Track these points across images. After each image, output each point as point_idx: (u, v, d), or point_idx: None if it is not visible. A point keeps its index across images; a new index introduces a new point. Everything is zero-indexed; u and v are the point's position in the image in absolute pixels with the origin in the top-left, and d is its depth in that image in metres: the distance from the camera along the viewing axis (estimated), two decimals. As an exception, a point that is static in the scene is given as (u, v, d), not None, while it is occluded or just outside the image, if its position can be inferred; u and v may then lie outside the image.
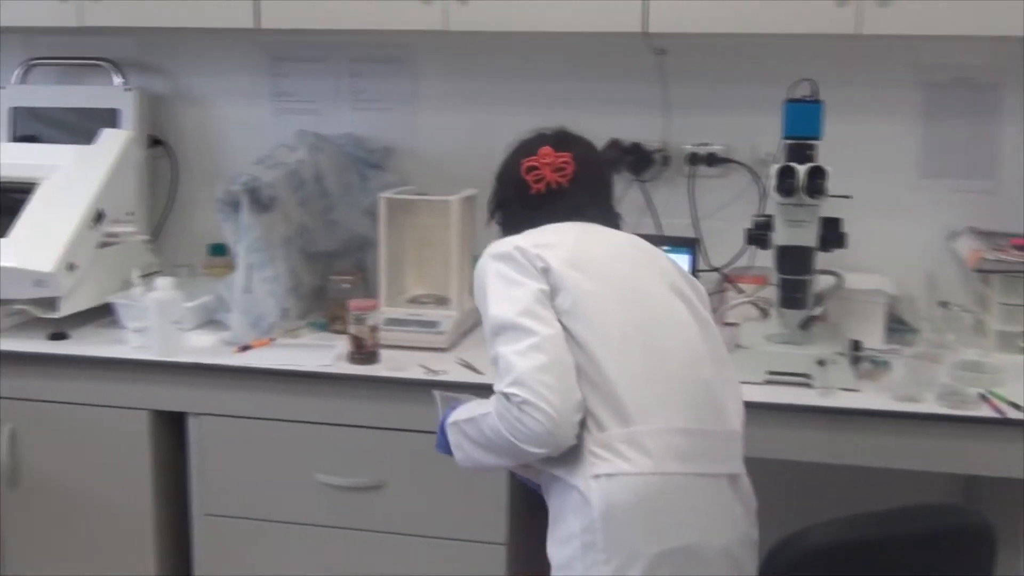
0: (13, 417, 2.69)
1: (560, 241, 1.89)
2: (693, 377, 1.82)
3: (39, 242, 2.67)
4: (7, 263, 2.64)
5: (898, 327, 2.74)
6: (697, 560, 1.74)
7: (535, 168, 2.02)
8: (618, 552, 1.72)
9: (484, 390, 1.89)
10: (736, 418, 1.88)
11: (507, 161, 2.10)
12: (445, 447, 1.96)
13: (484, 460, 1.87)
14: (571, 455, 1.76)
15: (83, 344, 2.69)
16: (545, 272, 1.83)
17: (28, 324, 2.76)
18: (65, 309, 2.71)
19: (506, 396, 1.74)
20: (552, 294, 1.81)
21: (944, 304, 2.76)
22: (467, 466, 1.92)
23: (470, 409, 1.91)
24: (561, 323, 1.79)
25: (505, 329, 1.79)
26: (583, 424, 1.75)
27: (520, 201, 2.05)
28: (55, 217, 2.73)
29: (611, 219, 2.07)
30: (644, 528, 1.72)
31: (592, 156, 2.10)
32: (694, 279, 1.99)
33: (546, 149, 2.03)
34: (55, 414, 2.66)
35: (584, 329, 1.78)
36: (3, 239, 2.69)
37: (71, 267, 2.68)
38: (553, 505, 1.85)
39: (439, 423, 1.99)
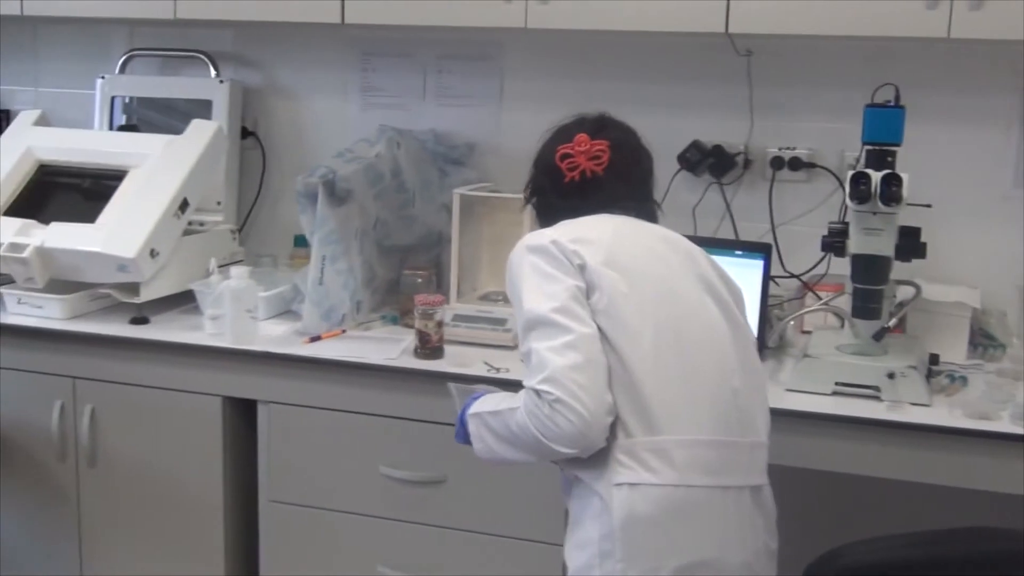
0: (93, 397, 2.77)
1: (597, 237, 1.84)
2: (723, 386, 1.77)
3: (124, 228, 2.75)
4: (93, 248, 2.72)
5: (985, 342, 2.63)
6: (717, 574, 1.70)
7: (570, 155, 1.97)
8: (637, 563, 1.69)
9: (515, 386, 1.88)
10: (763, 428, 1.84)
11: (543, 147, 2.05)
12: (464, 437, 1.94)
13: (506, 454, 1.85)
14: (595, 459, 1.74)
15: (162, 329, 2.76)
16: (581, 269, 1.80)
17: (112, 308, 2.84)
18: (146, 294, 2.78)
19: (537, 392, 1.71)
20: (588, 292, 1.78)
21: (1035, 320, 2.64)
22: (486, 458, 1.90)
23: (495, 401, 1.88)
24: (595, 323, 1.76)
25: (540, 324, 1.75)
26: (611, 428, 1.72)
27: (554, 190, 2.00)
28: (141, 205, 2.80)
29: (648, 210, 2.03)
30: (665, 541, 1.69)
31: (631, 143, 2.04)
32: (731, 279, 1.95)
33: (582, 136, 1.97)
34: (133, 396, 2.74)
35: (618, 331, 1.75)
36: (91, 224, 2.78)
37: (153, 253, 2.75)
38: (573, 508, 1.83)
39: (458, 415, 1.97)
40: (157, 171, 2.88)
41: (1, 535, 2.92)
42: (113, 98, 3.34)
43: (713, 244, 2.66)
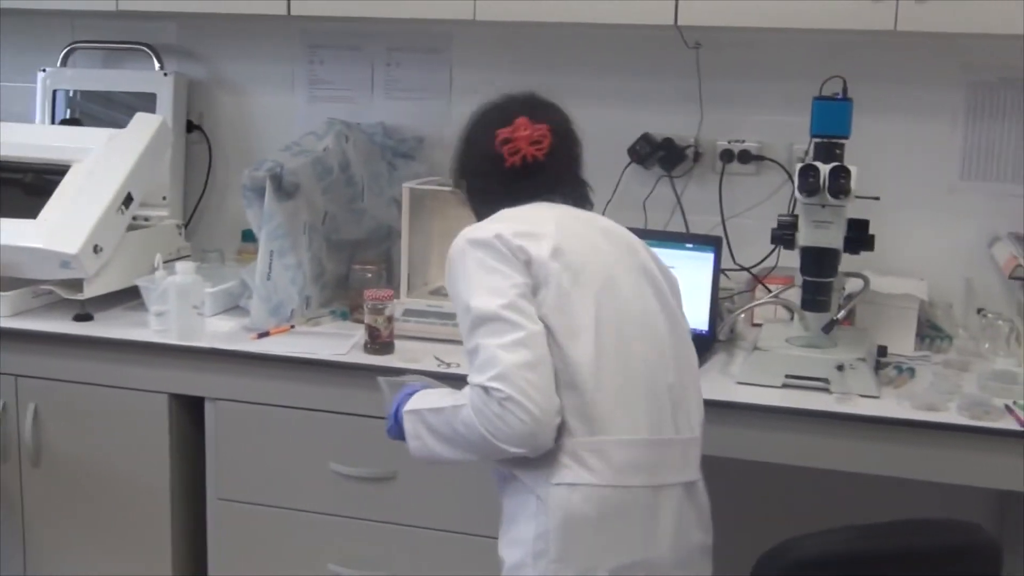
0: (37, 396, 2.72)
1: (542, 231, 1.80)
2: (659, 382, 1.78)
3: (67, 224, 2.70)
4: (34, 244, 2.67)
5: (932, 334, 2.65)
6: (652, 573, 1.70)
7: (510, 140, 1.89)
8: (572, 563, 1.69)
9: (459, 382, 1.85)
10: (697, 423, 1.84)
11: (476, 129, 1.98)
12: (398, 433, 1.88)
13: (445, 454, 1.81)
14: (534, 458, 1.72)
15: (107, 326, 2.71)
16: (527, 264, 1.76)
17: (55, 305, 2.78)
18: (90, 291, 2.73)
19: (486, 390, 1.67)
20: (534, 288, 1.75)
21: (981, 311, 2.66)
22: (421, 456, 1.84)
23: (434, 398, 1.84)
24: (540, 320, 1.73)
25: (489, 320, 1.71)
26: None
27: (494, 175, 1.93)
28: (84, 200, 2.75)
29: (584, 194, 2.00)
30: (601, 542, 1.69)
31: (568, 127, 1.98)
32: (668, 270, 1.95)
33: (522, 120, 1.90)
34: (78, 394, 2.69)
35: (562, 329, 1.73)
36: (32, 220, 2.72)
37: (97, 249, 2.70)
38: (508, 505, 1.82)
39: (391, 410, 1.91)
40: (100, 166, 2.83)
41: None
42: (55, 91, 3.28)
43: (663, 237, 2.68)
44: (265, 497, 2.61)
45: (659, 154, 2.90)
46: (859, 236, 2.36)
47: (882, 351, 2.42)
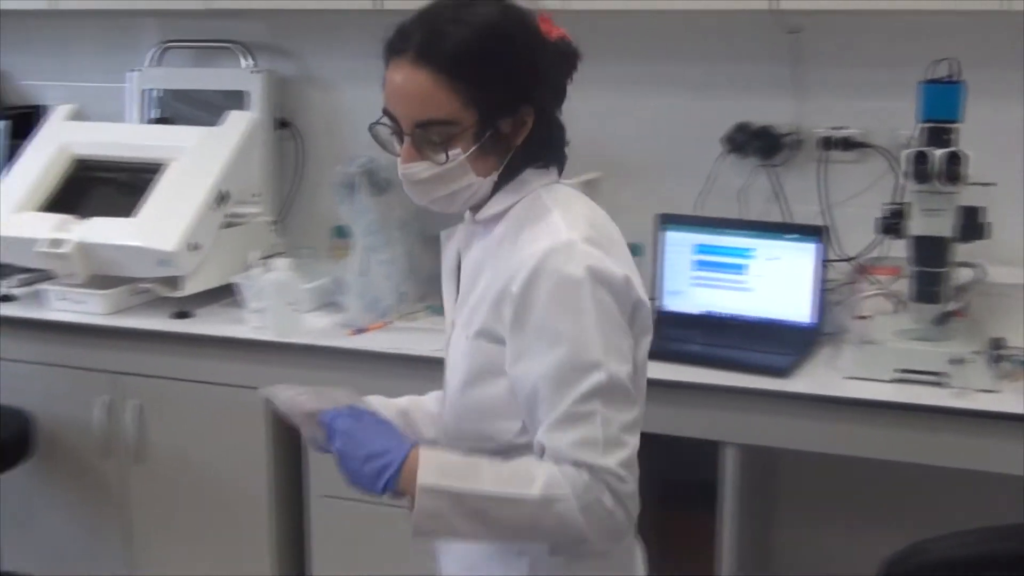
0: (139, 393, 2.75)
1: (627, 253, 1.49)
2: None
3: (164, 222, 2.72)
4: (132, 242, 2.69)
5: (1049, 325, 2.56)
6: None
7: (567, 42, 1.49)
8: None
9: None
10: None
11: (509, 26, 1.44)
12: (363, 481, 1.38)
13: (477, 539, 1.46)
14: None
15: (205, 323, 2.73)
16: (634, 312, 1.45)
17: (154, 303, 2.80)
18: (188, 288, 2.75)
19: (618, 478, 1.34)
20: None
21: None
22: (426, 536, 1.41)
23: (486, 478, 1.37)
24: None
25: (616, 390, 1.37)
26: None
27: (561, 83, 1.49)
28: (180, 198, 2.77)
29: None
30: None
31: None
32: None
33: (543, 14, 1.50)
34: (178, 391, 2.71)
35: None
36: (129, 218, 2.74)
37: (194, 247, 2.71)
38: None
39: (322, 442, 1.46)
40: (194, 163, 2.85)
41: (47, 535, 2.90)
42: (145, 91, 3.30)
43: (763, 228, 2.63)
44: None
45: (756, 143, 2.83)
46: (972, 224, 2.28)
47: (998, 343, 2.34)
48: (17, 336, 2.80)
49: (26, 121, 3.28)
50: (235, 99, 3.18)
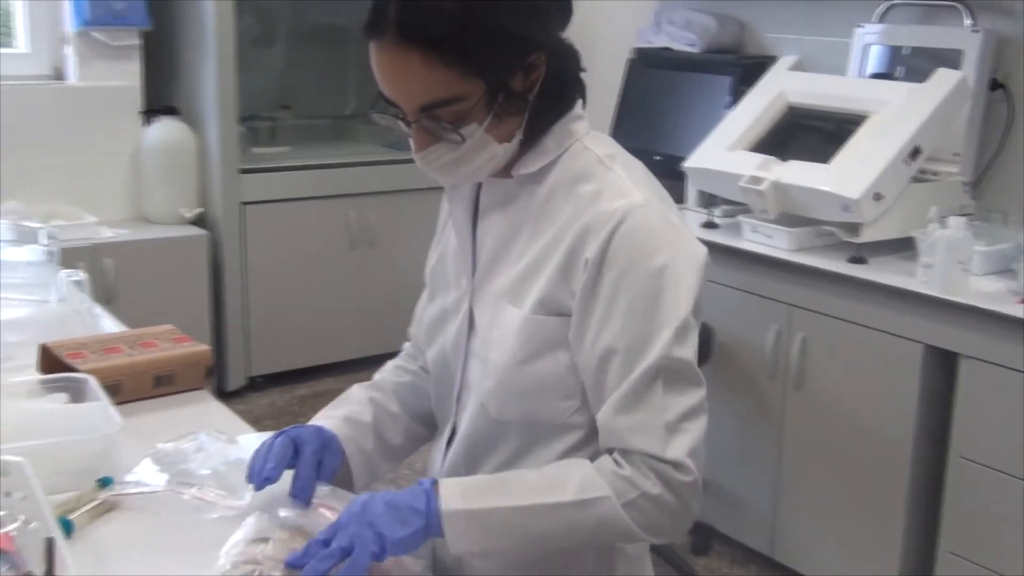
0: (806, 326, 2.96)
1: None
2: None
3: (853, 171, 2.87)
4: (821, 186, 2.89)
5: None
6: None
7: None
8: None
9: None
10: None
11: None
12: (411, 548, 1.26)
13: (519, 552, 1.36)
14: None
15: (878, 271, 2.84)
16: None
17: (833, 246, 2.98)
18: (867, 236, 2.88)
19: (676, 467, 1.25)
20: None
21: None
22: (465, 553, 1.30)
23: (513, 491, 1.28)
24: None
25: (683, 371, 1.28)
26: None
27: (563, 20, 1.35)
28: (873, 149, 2.90)
29: None
30: None
31: None
32: None
33: None
34: (842, 331, 2.88)
35: None
36: (824, 165, 2.94)
37: (877, 197, 2.83)
38: None
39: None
40: (895, 117, 2.95)
41: (709, 436, 3.25)
42: (867, 46, 3.45)
43: None
44: (1006, 464, 2.58)
45: None
46: None
47: None
48: (713, 259, 3.12)
49: (759, 70, 3.59)
50: (952, 58, 3.20)
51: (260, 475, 1.31)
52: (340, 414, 1.48)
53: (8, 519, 1.15)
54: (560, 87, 1.34)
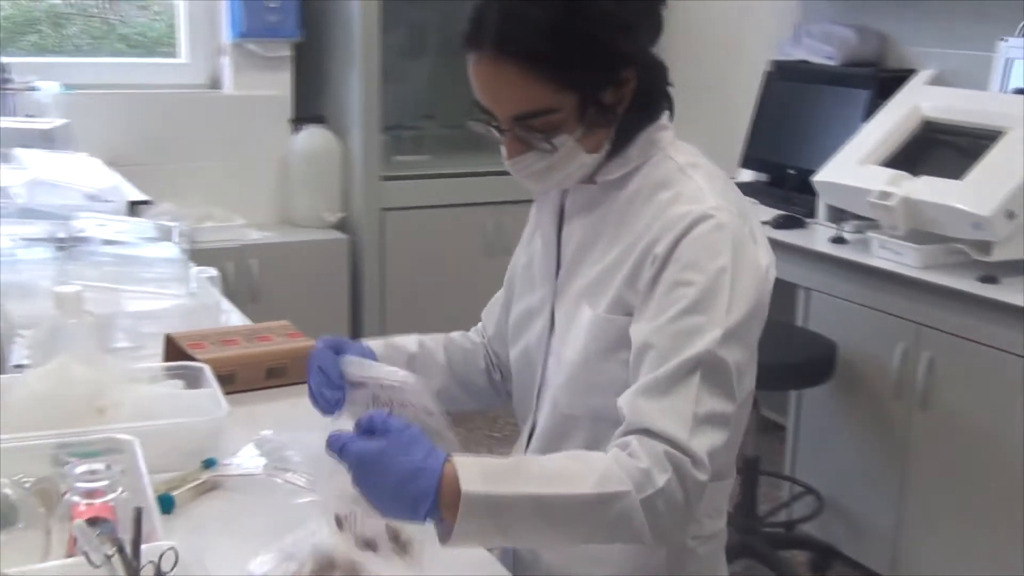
0: (933, 346, 2.90)
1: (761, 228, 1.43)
2: None
3: (986, 187, 2.81)
4: (952, 203, 2.83)
5: None
6: None
7: None
8: None
9: None
10: None
11: None
12: (405, 515, 1.21)
13: (530, 544, 1.40)
14: None
15: (1009, 291, 2.76)
16: (758, 305, 1.38)
17: (963, 263, 2.91)
18: (998, 254, 2.81)
19: (694, 460, 1.24)
20: None
21: None
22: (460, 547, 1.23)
23: (532, 478, 1.23)
24: None
25: (721, 372, 1.28)
26: None
27: (653, 36, 1.39)
28: (1008, 166, 2.83)
29: None
30: None
31: None
32: None
33: None
34: (971, 351, 2.81)
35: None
36: (957, 181, 2.88)
37: (1010, 215, 2.76)
38: None
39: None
40: (1032, 134, 2.87)
41: (833, 454, 3.22)
42: (1008, 60, 3.35)
43: None
44: None
45: None
46: None
47: None
48: (840, 275, 3.13)
49: (898, 84, 3.54)
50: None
51: (328, 402, 1.43)
52: (383, 341, 1.57)
53: (110, 490, 1.25)
54: (648, 100, 1.39)
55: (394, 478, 1.18)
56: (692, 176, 1.38)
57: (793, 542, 3.33)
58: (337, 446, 1.21)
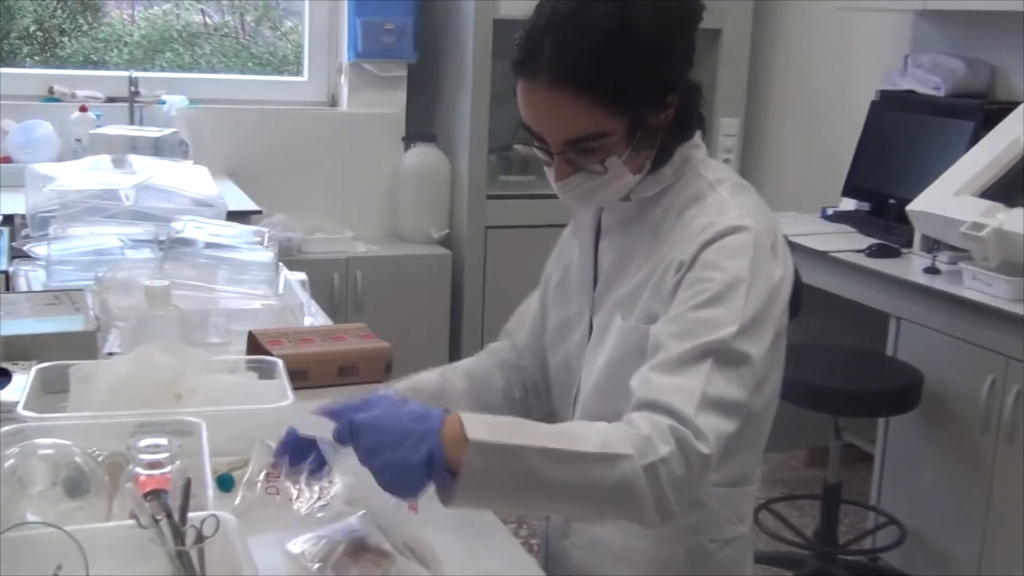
0: (1021, 379, 2.86)
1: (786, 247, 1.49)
2: None
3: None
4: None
5: None
6: None
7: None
8: None
9: None
10: None
11: (628, 13, 1.36)
12: (407, 471, 1.20)
13: (524, 505, 1.37)
14: None
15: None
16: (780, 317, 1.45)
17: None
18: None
19: (698, 434, 1.26)
20: None
21: None
22: (463, 507, 1.24)
23: (536, 431, 1.25)
24: None
25: (733, 360, 1.32)
26: None
27: (690, 61, 1.45)
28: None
29: None
30: None
31: None
32: None
33: None
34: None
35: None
36: None
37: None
38: None
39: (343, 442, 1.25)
40: None
41: (919, 484, 3.19)
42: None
43: None
44: None
45: None
46: None
47: None
48: (932, 305, 3.11)
49: (1004, 115, 3.49)
50: None
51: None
52: (404, 383, 1.61)
53: (169, 462, 1.36)
54: (686, 121, 1.46)
55: (397, 433, 1.20)
56: (717, 191, 1.45)
57: (874, 571, 3.31)
58: (343, 412, 1.24)
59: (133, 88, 4.07)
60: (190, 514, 1.24)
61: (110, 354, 1.90)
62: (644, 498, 1.22)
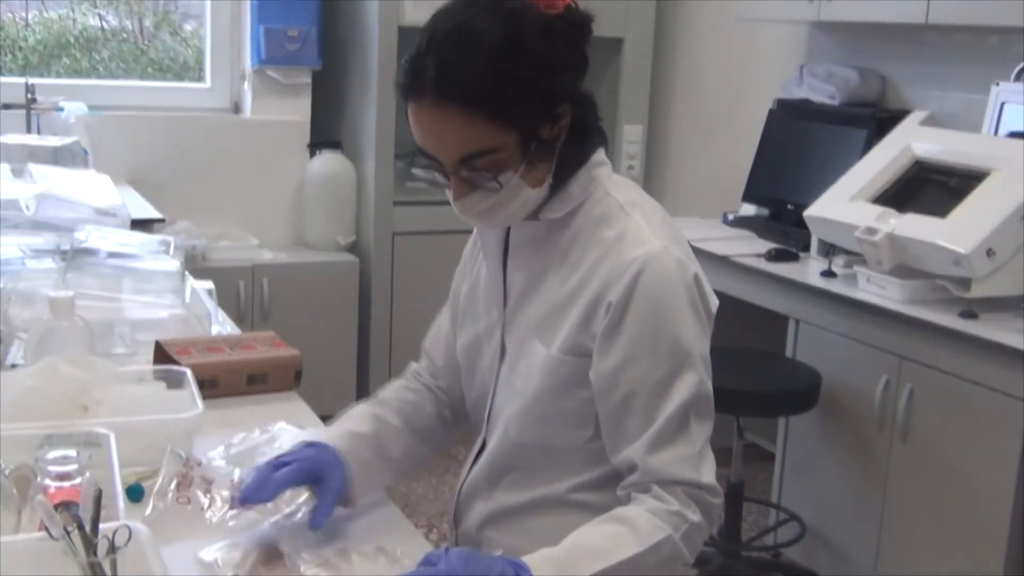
0: (915, 379, 2.96)
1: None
2: None
3: (968, 226, 2.87)
4: (935, 240, 2.90)
5: None
6: None
7: (569, 5, 1.44)
8: None
9: None
10: None
11: (511, 29, 1.38)
12: None
13: None
14: None
15: (987, 327, 2.81)
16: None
17: (948, 300, 2.97)
18: (977, 291, 2.87)
19: (711, 491, 1.42)
20: None
21: None
22: None
23: (603, 549, 1.35)
24: None
25: (704, 401, 1.43)
26: None
27: (581, 73, 1.47)
28: (990, 206, 2.90)
29: None
30: None
31: None
32: None
33: None
34: (949, 384, 2.87)
35: None
36: (941, 219, 2.95)
37: (990, 253, 2.83)
38: None
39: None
40: (1017, 175, 2.94)
41: (816, 481, 3.28)
42: (1003, 104, 3.43)
43: None
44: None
45: None
46: None
47: None
48: (828, 307, 3.21)
49: (894, 123, 3.62)
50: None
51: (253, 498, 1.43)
52: (342, 430, 1.60)
53: (78, 474, 1.35)
54: (583, 133, 1.48)
55: None
56: (631, 214, 1.47)
57: (776, 567, 3.39)
58: None
59: (30, 95, 3.99)
60: (101, 525, 1.24)
61: (13, 366, 1.87)
62: (685, 557, 1.38)
